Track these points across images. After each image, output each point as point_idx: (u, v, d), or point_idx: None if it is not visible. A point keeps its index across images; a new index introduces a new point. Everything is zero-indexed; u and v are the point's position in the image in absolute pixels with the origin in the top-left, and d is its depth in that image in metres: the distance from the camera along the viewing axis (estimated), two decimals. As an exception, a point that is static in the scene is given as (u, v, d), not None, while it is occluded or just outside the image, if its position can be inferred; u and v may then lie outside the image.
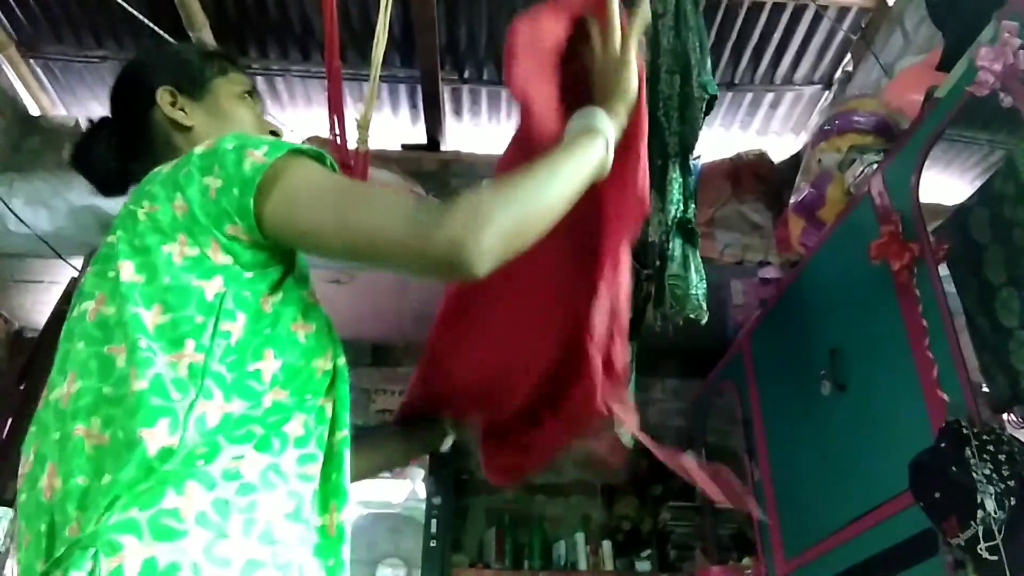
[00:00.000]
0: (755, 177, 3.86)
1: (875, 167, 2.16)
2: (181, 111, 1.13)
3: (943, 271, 2.00)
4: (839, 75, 4.08)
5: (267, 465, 0.86)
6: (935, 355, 1.81)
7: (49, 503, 0.83)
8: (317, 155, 0.96)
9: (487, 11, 3.58)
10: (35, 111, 4.24)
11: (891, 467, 1.82)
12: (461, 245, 0.82)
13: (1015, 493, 1.48)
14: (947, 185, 4.18)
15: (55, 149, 4.07)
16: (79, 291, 0.96)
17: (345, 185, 0.93)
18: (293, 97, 4.14)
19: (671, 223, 1.87)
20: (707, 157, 3.93)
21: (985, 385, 2.09)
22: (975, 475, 1.49)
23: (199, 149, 0.95)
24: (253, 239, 0.91)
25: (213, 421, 0.84)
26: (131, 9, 3.24)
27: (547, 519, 4.01)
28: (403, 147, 4.21)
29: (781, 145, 4.41)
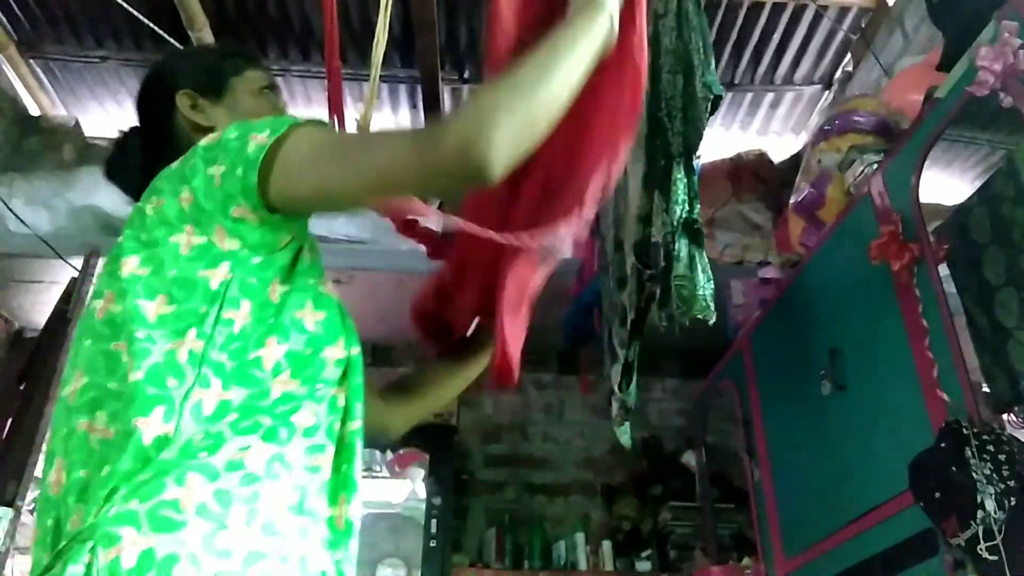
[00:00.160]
0: (755, 177, 3.86)
1: (875, 167, 2.16)
2: (201, 113, 1.13)
3: (943, 271, 2.00)
4: (839, 75, 4.08)
5: (272, 455, 0.85)
6: (935, 355, 1.81)
7: (55, 497, 0.83)
8: (317, 123, 0.96)
9: (487, 11, 3.58)
10: (35, 111, 4.24)
11: (891, 467, 1.82)
12: (471, 146, 0.80)
13: (1015, 493, 1.48)
14: (947, 185, 4.18)
15: (55, 149, 4.07)
16: (93, 291, 0.97)
17: (343, 135, 0.93)
18: (293, 97, 4.14)
19: (676, 224, 1.87)
20: (707, 157, 3.94)
21: (985, 385, 2.09)
22: (975, 475, 1.49)
23: (204, 141, 0.96)
24: (261, 217, 0.91)
25: (209, 409, 0.84)
26: (131, 9, 3.24)
27: (547, 519, 4.01)
28: (403, 147, 4.21)
29: (781, 145, 4.41)
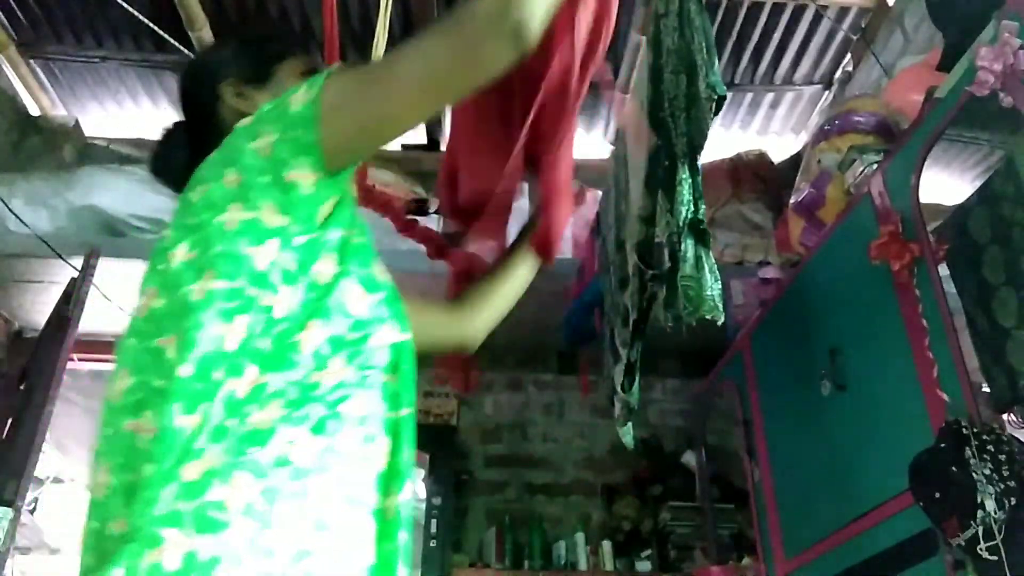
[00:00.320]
0: (755, 177, 3.86)
1: (875, 167, 2.16)
2: (247, 100, 1.12)
3: (943, 271, 2.00)
4: (839, 75, 4.08)
5: (323, 448, 0.83)
6: (935, 355, 1.81)
7: (101, 500, 0.82)
8: (346, 67, 0.96)
9: None
10: (35, 111, 4.24)
11: (891, 467, 1.82)
12: (504, 10, 0.85)
13: (1015, 493, 1.48)
14: (947, 185, 4.18)
15: (55, 149, 4.08)
16: (139, 290, 0.95)
17: (374, 63, 0.92)
18: (293, 97, 4.14)
19: (682, 224, 1.86)
20: (707, 157, 3.94)
21: (985, 385, 2.09)
22: (975, 475, 1.49)
23: (241, 124, 0.96)
24: (317, 177, 0.90)
25: (248, 397, 0.82)
26: (131, 9, 3.24)
27: (547, 519, 4.01)
28: (403, 147, 4.22)
29: (781, 145, 4.42)
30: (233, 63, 1.16)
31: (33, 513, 5.40)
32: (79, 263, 3.10)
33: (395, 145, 4.24)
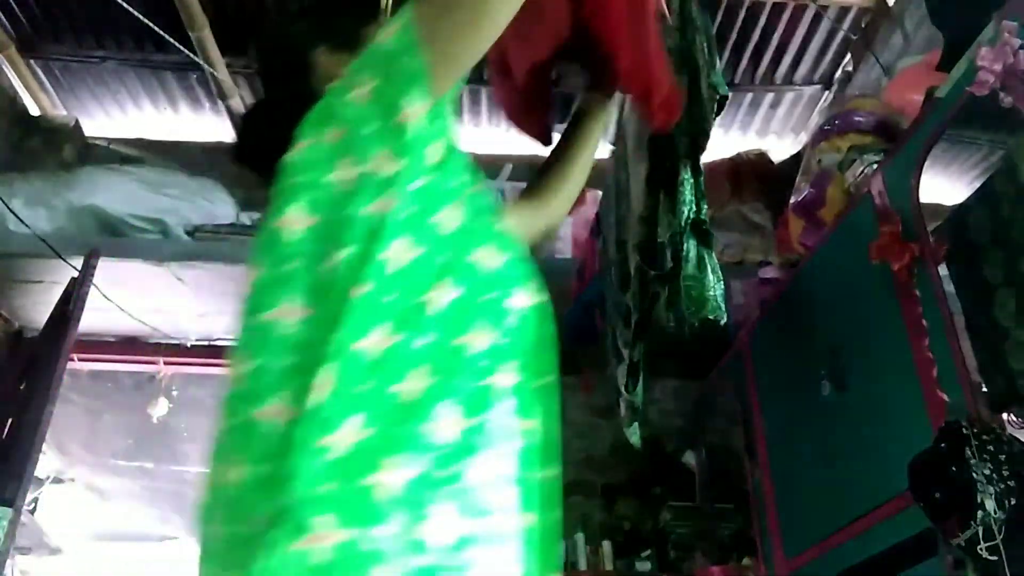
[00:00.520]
0: (755, 177, 3.86)
1: (875, 167, 2.16)
2: (341, 65, 1.05)
3: (943, 271, 2.00)
4: (839, 75, 4.08)
5: (472, 427, 0.79)
6: (935, 355, 1.81)
7: (231, 498, 0.77)
8: None
9: None
10: (35, 111, 4.24)
11: (891, 467, 1.82)
12: None
13: (1015, 493, 1.48)
14: (947, 185, 4.18)
15: (55, 149, 4.08)
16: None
17: None
18: (293, 97, 4.14)
19: (684, 224, 1.87)
20: (707, 157, 3.93)
21: (983, 385, 2.09)
22: (975, 475, 1.49)
23: (331, 85, 0.92)
24: (428, 107, 0.85)
25: (380, 360, 0.77)
26: (131, 9, 3.24)
27: (547, 519, 4.00)
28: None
29: (781, 145, 4.42)
30: (321, 31, 1.11)
31: (33, 513, 5.39)
32: (79, 263, 3.10)
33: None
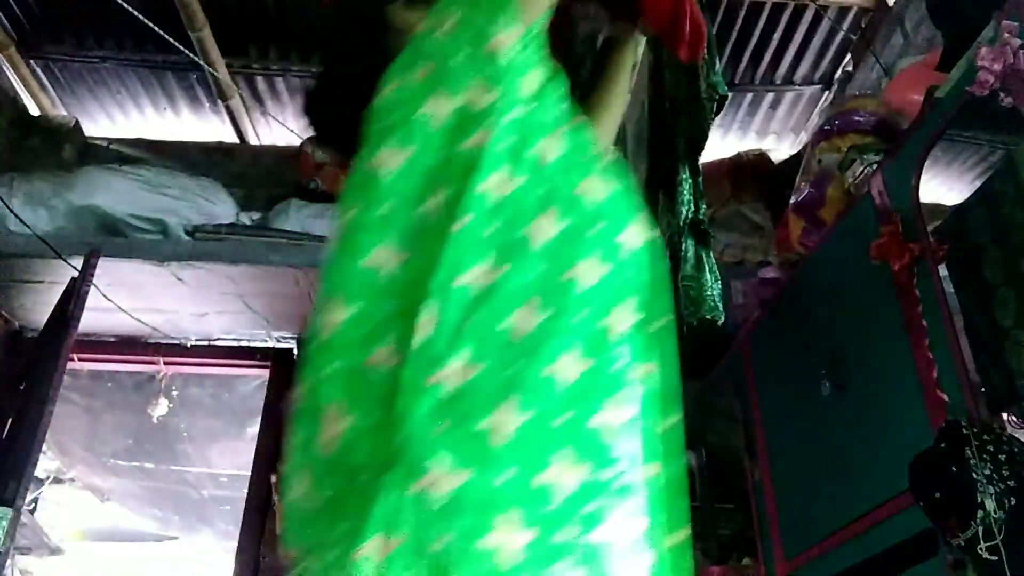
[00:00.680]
0: (755, 177, 3.86)
1: (875, 167, 2.16)
2: (417, 18, 1.03)
3: (943, 271, 2.00)
4: (839, 75, 4.08)
5: (589, 368, 0.75)
6: (935, 355, 1.81)
7: (341, 447, 0.74)
8: None
9: None
10: (35, 111, 4.24)
11: (891, 467, 1.82)
12: None
13: (1015, 493, 1.48)
14: (947, 185, 4.18)
15: (55, 149, 4.07)
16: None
17: None
18: (293, 97, 4.14)
19: (683, 224, 1.87)
20: (707, 157, 3.94)
21: (983, 385, 2.09)
22: (975, 475, 1.49)
23: (414, 32, 0.90)
24: (520, 34, 0.82)
25: (485, 291, 0.74)
26: (131, 9, 3.24)
27: (547, 519, 4.00)
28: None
29: (781, 145, 4.42)
30: None
31: (33, 513, 5.40)
32: (79, 263, 3.09)
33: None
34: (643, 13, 1.32)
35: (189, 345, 3.90)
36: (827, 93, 4.17)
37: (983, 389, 2.05)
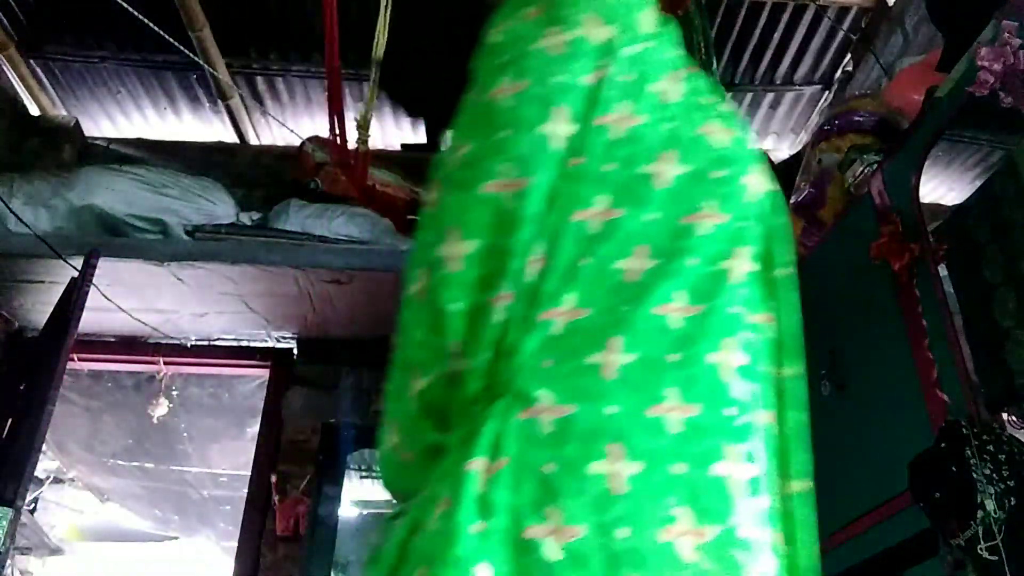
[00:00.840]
0: (755, 177, 3.86)
1: (875, 167, 2.16)
2: None
3: (943, 271, 2.00)
4: (839, 75, 4.08)
5: (697, 314, 0.73)
6: (935, 355, 1.81)
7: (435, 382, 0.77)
8: None
9: (487, 11, 3.58)
10: (35, 111, 4.24)
11: (891, 467, 1.82)
12: None
13: (1015, 493, 1.48)
14: (947, 185, 4.18)
15: (55, 149, 4.07)
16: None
17: None
18: (293, 97, 4.14)
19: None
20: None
21: (983, 385, 2.09)
22: (975, 475, 1.49)
23: None
24: None
25: (595, 229, 0.74)
26: (131, 9, 3.23)
27: (547, 519, 4.00)
28: (403, 147, 4.21)
29: (781, 145, 4.42)
30: None
31: (33, 513, 5.40)
32: (79, 263, 3.09)
33: (395, 144, 4.24)
34: None
35: (189, 345, 3.90)
36: (827, 93, 4.17)
37: (983, 389, 2.05)
